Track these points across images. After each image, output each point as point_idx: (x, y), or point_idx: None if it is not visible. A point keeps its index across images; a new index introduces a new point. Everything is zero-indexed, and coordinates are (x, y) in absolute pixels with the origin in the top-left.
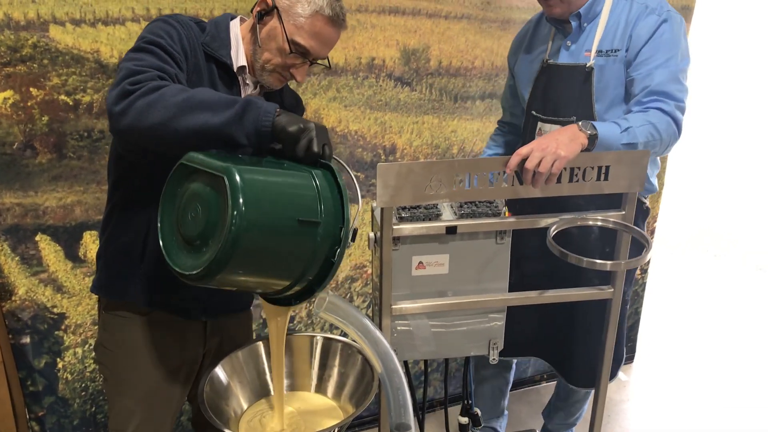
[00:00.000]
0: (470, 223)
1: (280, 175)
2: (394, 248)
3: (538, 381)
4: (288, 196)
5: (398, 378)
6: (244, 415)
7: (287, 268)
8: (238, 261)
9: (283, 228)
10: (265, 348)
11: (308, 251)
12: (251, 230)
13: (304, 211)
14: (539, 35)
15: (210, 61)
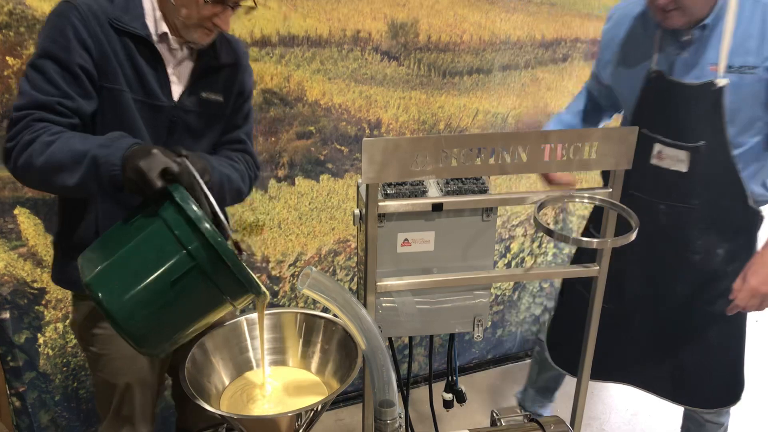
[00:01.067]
0: (456, 200)
1: (134, 250)
2: (379, 225)
3: (521, 358)
4: (151, 268)
5: (382, 355)
6: (225, 391)
7: (205, 305)
8: (145, 335)
9: (165, 296)
10: (248, 324)
11: (207, 287)
12: (134, 319)
13: (173, 268)
14: (639, 39)
15: (124, 36)
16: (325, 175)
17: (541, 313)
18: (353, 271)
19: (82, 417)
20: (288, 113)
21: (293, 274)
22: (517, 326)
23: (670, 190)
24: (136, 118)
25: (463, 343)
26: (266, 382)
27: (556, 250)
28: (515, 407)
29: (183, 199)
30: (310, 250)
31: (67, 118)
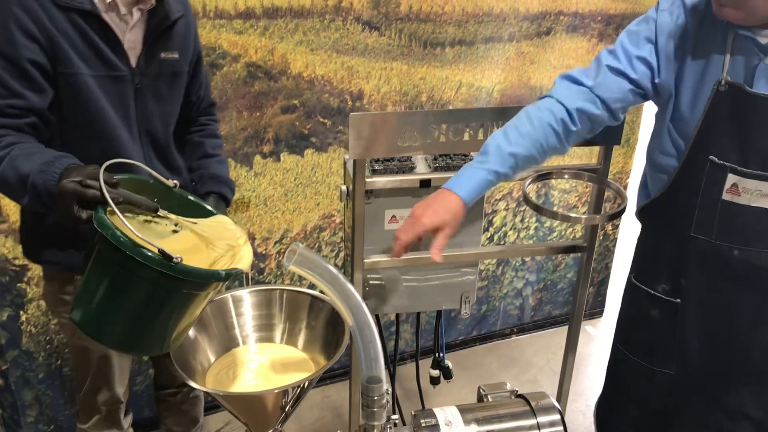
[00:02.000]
0: (445, 176)
1: (90, 277)
2: (366, 202)
3: (507, 335)
4: (107, 292)
5: (369, 332)
6: (211, 369)
7: (179, 306)
8: (134, 345)
9: (134, 313)
10: (234, 301)
11: (167, 294)
12: (114, 335)
13: (124, 289)
14: (704, 40)
15: (70, 13)
16: (310, 149)
17: (523, 287)
18: (338, 247)
19: (67, 395)
20: (272, 87)
21: (279, 251)
22: (500, 301)
23: (749, 232)
24: (99, 98)
25: (448, 321)
26: (252, 359)
27: (538, 224)
28: (502, 383)
29: (101, 225)
30: (296, 227)
31: (22, 119)
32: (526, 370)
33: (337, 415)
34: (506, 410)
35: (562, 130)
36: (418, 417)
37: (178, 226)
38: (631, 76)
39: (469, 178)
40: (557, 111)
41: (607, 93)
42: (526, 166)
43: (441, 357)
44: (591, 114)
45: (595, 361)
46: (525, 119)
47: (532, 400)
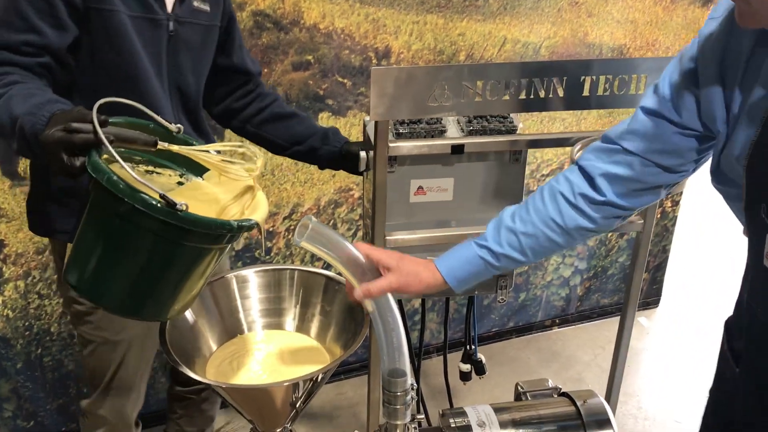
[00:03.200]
0: (480, 140)
1: (85, 232)
2: (389, 170)
3: (548, 326)
4: (103, 245)
5: (392, 317)
6: (212, 358)
7: (183, 262)
8: (134, 305)
9: (131, 267)
10: (238, 282)
11: (168, 246)
12: (113, 294)
13: (118, 240)
14: (756, 63)
15: None
16: (325, 112)
17: (571, 275)
18: (356, 226)
19: (48, 387)
20: (282, 40)
21: (289, 228)
22: (543, 290)
23: None
24: (134, 41)
25: (480, 309)
26: (259, 348)
27: None
28: (543, 380)
29: (95, 170)
30: (308, 201)
31: (34, 58)
32: (569, 366)
33: (353, 414)
34: (548, 410)
35: (585, 203)
36: (447, 416)
37: (183, 177)
38: (672, 118)
39: (457, 252)
40: (575, 179)
41: (642, 145)
42: (540, 248)
43: (473, 350)
44: (624, 177)
45: (649, 357)
46: (539, 192)
47: (577, 399)
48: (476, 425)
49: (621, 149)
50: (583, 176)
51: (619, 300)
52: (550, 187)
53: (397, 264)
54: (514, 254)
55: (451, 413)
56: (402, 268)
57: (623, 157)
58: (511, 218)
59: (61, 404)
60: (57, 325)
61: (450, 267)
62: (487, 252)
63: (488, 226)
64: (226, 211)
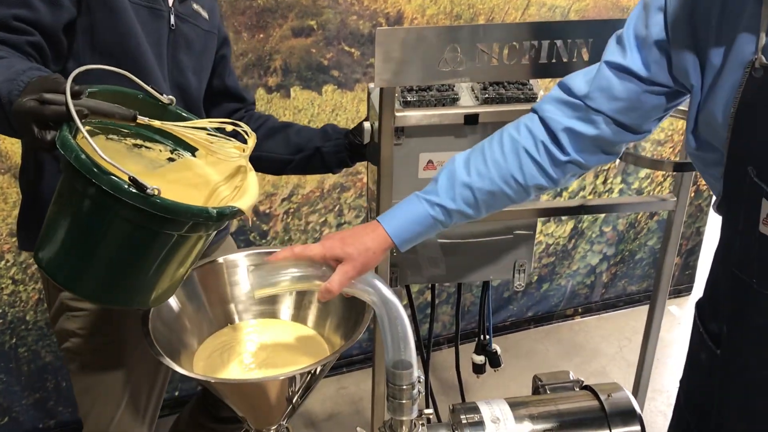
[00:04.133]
0: (496, 110)
1: (56, 213)
2: (396, 142)
3: (570, 316)
4: (70, 226)
5: (395, 306)
6: (200, 350)
7: (157, 249)
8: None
9: (100, 252)
10: (228, 266)
11: (142, 231)
12: (84, 282)
13: (85, 220)
14: (733, 11)
15: None
16: (330, 85)
17: (599, 263)
18: (365, 212)
19: (23, 381)
20: (281, 2)
21: (287, 210)
22: (568, 279)
23: None
24: (135, 25)
25: (496, 298)
26: (251, 339)
27: (623, 185)
28: (563, 372)
29: (63, 147)
30: (310, 183)
31: (24, 35)
32: (592, 359)
33: (355, 410)
34: (569, 405)
35: (547, 160)
36: (458, 412)
37: (175, 153)
38: (640, 74)
39: (405, 210)
40: (538, 133)
41: (607, 104)
42: (494, 204)
43: (487, 340)
44: (588, 136)
45: (680, 349)
46: (496, 142)
47: (601, 393)
48: (490, 421)
49: (584, 106)
50: (545, 130)
51: (648, 287)
52: (511, 140)
53: (342, 250)
54: (468, 210)
55: (463, 408)
56: (351, 253)
57: (586, 114)
58: (466, 171)
59: (38, 399)
60: (33, 312)
61: (397, 227)
62: (439, 210)
63: (438, 178)
64: (217, 193)
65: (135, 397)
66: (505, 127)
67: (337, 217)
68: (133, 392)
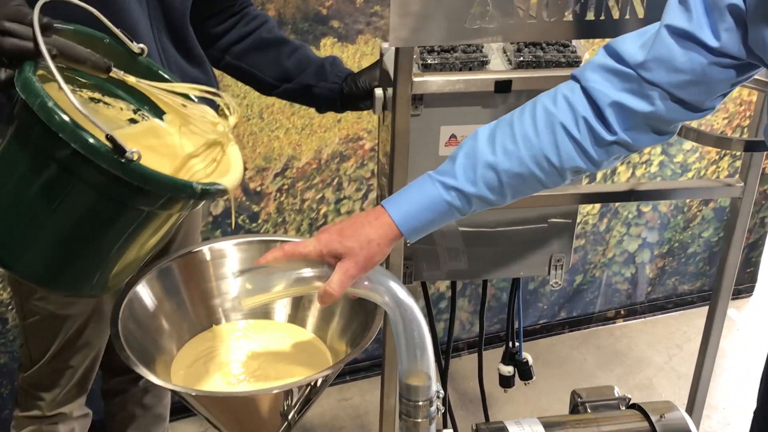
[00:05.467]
0: (533, 75)
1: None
2: (413, 113)
3: (611, 318)
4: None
5: (410, 309)
6: (179, 356)
7: (117, 222)
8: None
9: (48, 221)
10: (213, 256)
11: (103, 199)
12: (24, 258)
13: (36, 182)
14: None
15: None
16: (329, 38)
17: (638, 250)
18: (368, 185)
19: None
20: None
21: (281, 187)
22: (603, 269)
23: None
24: None
25: (525, 295)
26: (239, 345)
27: (663, 157)
28: (607, 387)
29: (25, 89)
30: (306, 153)
31: None
32: (637, 369)
33: (359, 425)
34: (614, 426)
35: (588, 139)
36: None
37: (139, 113)
38: (708, 43)
39: (415, 193)
40: (579, 106)
41: (666, 76)
42: (522, 189)
43: (516, 348)
44: (640, 113)
45: (740, 358)
46: (528, 115)
47: (652, 413)
48: None
49: (637, 77)
50: (589, 103)
51: (703, 286)
52: (545, 113)
53: (341, 244)
54: (490, 196)
55: (488, 428)
56: (351, 247)
57: (640, 86)
58: (491, 148)
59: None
60: None
61: (405, 214)
62: (456, 195)
63: (456, 157)
64: (187, 168)
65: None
66: (539, 96)
67: (335, 192)
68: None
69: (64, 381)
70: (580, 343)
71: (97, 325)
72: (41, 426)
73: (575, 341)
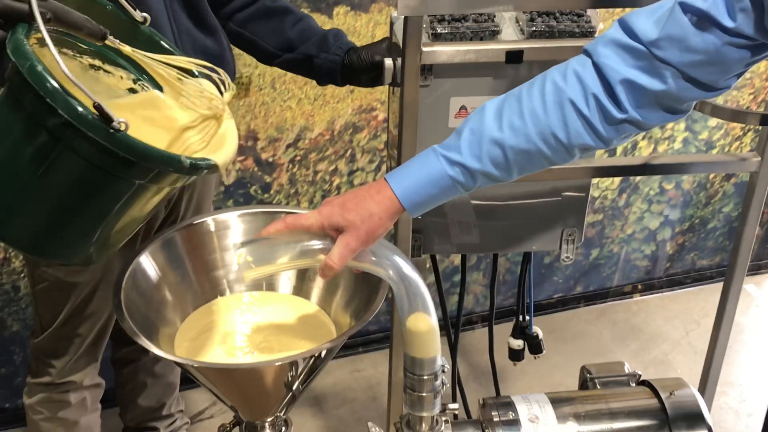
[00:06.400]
0: (546, 45)
1: None
2: (422, 84)
3: (627, 293)
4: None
5: (414, 285)
6: (183, 327)
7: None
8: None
9: (35, 190)
10: (217, 227)
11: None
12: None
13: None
14: None
15: None
16: (342, 6)
17: (660, 228)
18: (380, 157)
19: None
20: None
21: (293, 159)
22: (621, 245)
23: None
24: None
25: (538, 269)
26: (244, 317)
27: (688, 133)
28: (617, 363)
29: (16, 52)
30: (319, 124)
31: None
32: (652, 345)
33: (372, 397)
34: (622, 403)
35: (598, 117)
36: (490, 407)
37: (138, 84)
38: (723, 23)
39: (418, 167)
40: (589, 82)
41: (679, 55)
42: (528, 166)
43: (527, 322)
44: (652, 91)
45: (757, 335)
46: (537, 90)
47: (661, 390)
48: (527, 420)
49: (649, 54)
50: (600, 79)
51: (722, 262)
52: (555, 88)
53: (343, 216)
54: (495, 172)
55: (495, 403)
56: (352, 220)
57: (652, 64)
58: (497, 124)
59: (3, 375)
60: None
61: (407, 189)
62: (460, 171)
63: (462, 131)
64: (183, 139)
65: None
66: (549, 71)
67: (348, 164)
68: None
69: (73, 348)
70: (595, 317)
71: (106, 294)
72: (51, 394)
73: (591, 316)
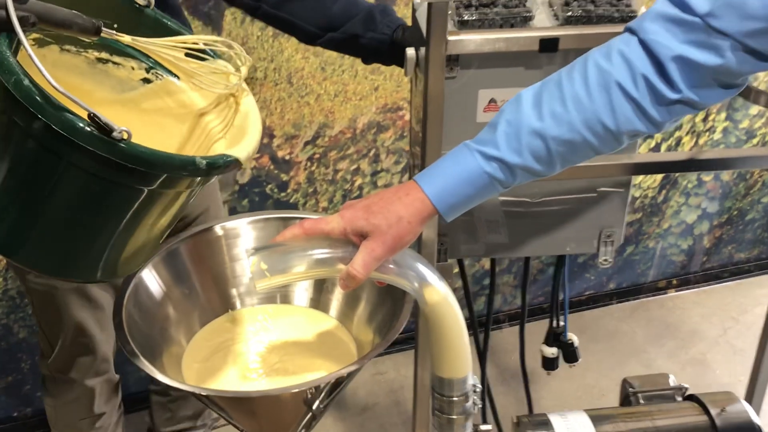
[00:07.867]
0: (583, 32)
1: None
2: (448, 75)
3: (662, 289)
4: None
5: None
6: (191, 347)
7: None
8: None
9: (43, 208)
10: (227, 236)
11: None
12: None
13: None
14: None
15: None
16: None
17: (698, 221)
18: (407, 157)
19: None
20: None
21: (311, 157)
22: (657, 240)
23: None
24: None
25: (572, 267)
26: (258, 335)
27: (728, 123)
28: (661, 375)
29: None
30: (339, 121)
31: None
32: (689, 343)
33: (394, 402)
34: (669, 420)
35: (648, 98)
36: (525, 426)
37: (152, 72)
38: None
39: (452, 165)
40: (637, 62)
41: (738, 24)
42: (572, 158)
43: (561, 328)
44: (707, 66)
45: None
46: (578, 73)
47: (711, 406)
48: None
49: (704, 26)
50: (649, 57)
51: (761, 254)
52: (598, 70)
53: (367, 221)
54: (536, 166)
55: (531, 422)
56: (378, 225)
57: (707, 37)
58: (537, 113)
59: (10, 383)
60: (2, 280)
61: (441, 189)
62: (498, 166)
63: (497, 123)
64: (203, 126)
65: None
66: (590, 53)
67: (372, 164)
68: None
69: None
70: (628, 315)
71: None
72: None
73: (623, 313)
